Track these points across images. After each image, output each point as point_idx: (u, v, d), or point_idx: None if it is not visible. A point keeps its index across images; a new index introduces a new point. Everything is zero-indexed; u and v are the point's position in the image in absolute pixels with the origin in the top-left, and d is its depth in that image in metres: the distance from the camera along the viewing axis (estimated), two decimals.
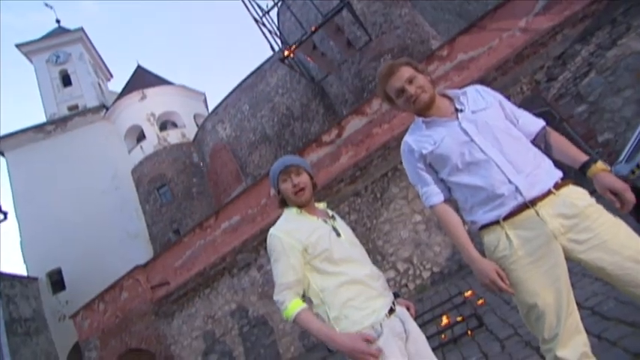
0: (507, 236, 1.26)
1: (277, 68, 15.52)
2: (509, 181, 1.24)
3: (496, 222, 1.27)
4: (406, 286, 6.83)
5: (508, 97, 6.34)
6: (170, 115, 18.22)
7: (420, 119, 1.43)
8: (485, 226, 1.31)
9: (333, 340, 1.29)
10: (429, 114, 1.41)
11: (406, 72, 1.38)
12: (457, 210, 1.44)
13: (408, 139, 1.47)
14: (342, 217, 7.58)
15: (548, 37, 6.43)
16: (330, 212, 1.59)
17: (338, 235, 1.46)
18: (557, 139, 1.38)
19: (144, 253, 15.02)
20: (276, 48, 4.45)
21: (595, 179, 1.25)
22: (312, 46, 4.75)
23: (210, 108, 18.19)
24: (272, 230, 1.46)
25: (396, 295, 1.52)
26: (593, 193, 1.28)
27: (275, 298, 1.39)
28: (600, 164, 1.25)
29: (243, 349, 7.79)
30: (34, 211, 15.50)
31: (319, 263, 1.40)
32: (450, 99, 1.43)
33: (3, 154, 16.74)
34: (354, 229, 6.94)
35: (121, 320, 8.95)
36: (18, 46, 18.45)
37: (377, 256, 7.13)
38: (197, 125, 18.18)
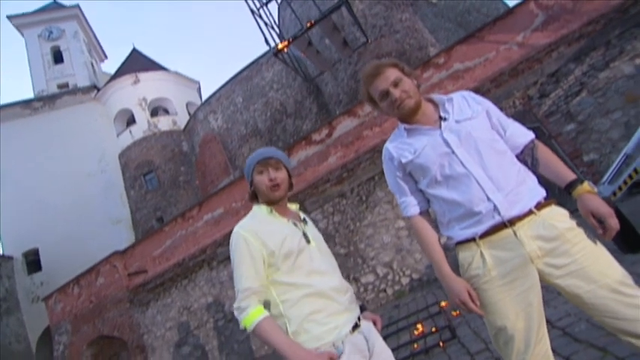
0: (482, 255, 1.21)
1: (274, 63, 15.38)
2: (488, 199, 1.18)
3: (472, 239, 1.22)
4: (384, 290, 6.82)
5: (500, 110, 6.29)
6: (162, 102, 17.93)
7: (403, 126, 1.36)
8: (461, 243, 1.26)
9: (295, 355, 1.17)
10: (413, 120, 1.34)
11: (392, 74, 1.31)
12: (434, 222, 1.39)
13: (389, 145, 1.40)
14: (326, 217, 7.46)
15: (544, 53, 6.47)
16: (302, 215, 1.49)
17: (308, 241, 1.36)
18: (545, 154, 1.31)
19: (125, 239, 14.76)
20: (272, 42, 4.38)
21: (580, 200, 1.19)
22: (307, 42, 4.67)
23: (204, 97, 17.95)
24: (237, 228, 1.33)
25: (362, 308, 1.45)
26: (574, 212, 1.24)
27: (237, 304, 1.24)
28: (587, 185, 1.19)
29: (217, 343, 7.69)
30: (15, 188, 15.10)
31: (283, 271, 1.29)
32: (436, 105, 1.37)
33: None
34: (336, 231, 6.88)
35: (95, 306, 8.75)
36: (9, 17, 17.91)
37: (357, 259, 7.10)
38: (189, 114, 17.94)
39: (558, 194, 1.32)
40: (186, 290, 8.19)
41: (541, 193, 1.22)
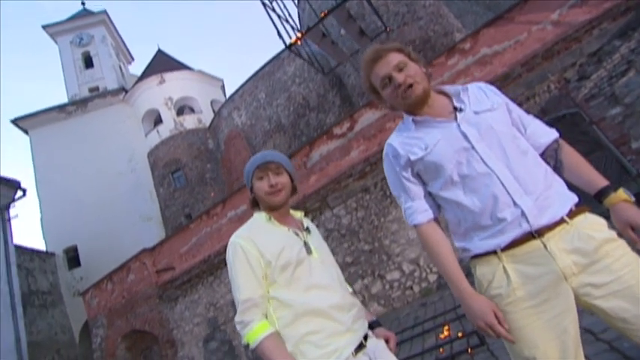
0: (505, 271, 1.01)
1: (295, 57, 15.28)
2: (515, 204, 1.00)
3: (493, 252, 1.03)
4: (411, 288, 6.58)
5: (532, 97, 5.80)
6: (187, 101, 18.29)
7: (410, 117, 1.17)
8: (479, 256, 1.07)
9: None
10: (422, 112, 1.15)
11: (395, 57, 1.14)
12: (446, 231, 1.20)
13: (393, 141, 1.21)
14: (349, 213, 7.30)
15: (584, 31, 5.92)
16: (306, 223, 1.37)
17: (309, 252, 1.24)
18: (571, 155, 1.12)
19: (156, 235, 15.26)
20: (286, 35, 4.24)
21: (614, 210, 1.00)
22: (321, 34, 4.47)
23: (228, 95, 18.14)
24: (234, 237, 1.24)
25: (375, 324, 1.32)
26: (609, 219, 1.04)
27: (239, 318, 1.14)
28: (622, 193, 1.00)
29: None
30: (54, 188, 15.96)
31: (279, 284, 1.18)
32: (448, 97, 1.18)
33: (27, 133, 17.23)
34: (360, 226, 6.67)
35: (127, 301, 9.08)
36: (44, 27, 18.81)
37: (382, 256, 6.89)
38: (213, 111, 18.20)
39: (589, 204, 1.11)
40: (212, 287, 8.31)
41: (572, 198, 1.03)
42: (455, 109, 1.13)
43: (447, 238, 1.16)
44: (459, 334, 3.37)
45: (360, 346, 1.16)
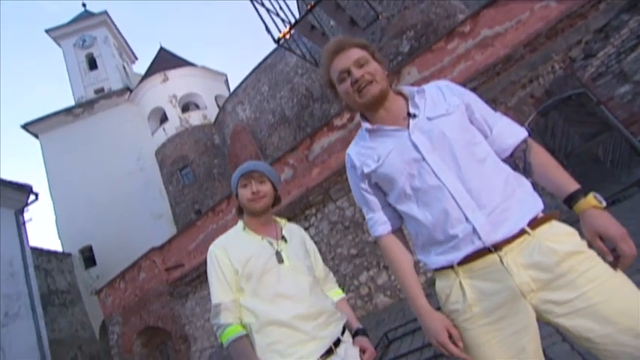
0: (461, 286, 0.96)
1: (297, 47, 15.09)
2: (466, 219, 0.93)
3: (450, 266, 0.98)
4: None
5: (536, 78, 5.58)
6: (192, 97, 18.33)
7: (364, 126, 1.11)
8: (438, 269, 1.02)
9: None
10: (377, 115, 1.09)
11: (357, 53, 1.07)
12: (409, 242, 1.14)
13: (351, 150, 1.16)
14: (352, 205, 7.24)
15: (590, 6, 5.64)
16: (286, 231, 1.40)
17: (280, 261, 1.29)
18: (540, 157, 1.03)
19: (167, 232, 15.50)
20: (276, 30, 4.14)
21: (582, 218, 0.92)
22: (310, 26, 4.36)
23: (232, 89, 18.10)
24: (211, 246, 1.36)
25: (360, 332, 1.35)
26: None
27: (213, 321, 1.25)
28: (592, 198, 0.91)
29: None
30: (66, 190, 16.32)
31: (247, 293, 1.25)
32: (406, 99, 1.10)
33: (37, 137, 17.58)
34: (364, 218, 6.52)
35: (140, 299, 9.29)
36: (47, 31, 18.97)
37: None
38: (218, 107, 18.21)
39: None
40: None
41: (536, 206, 0.95)
42: (408, 114, 1.05)
43: (407, 250, 1.11)
44: None
45: (329, 352, 1.20)
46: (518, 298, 0.90)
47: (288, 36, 4.20)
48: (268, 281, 1.24)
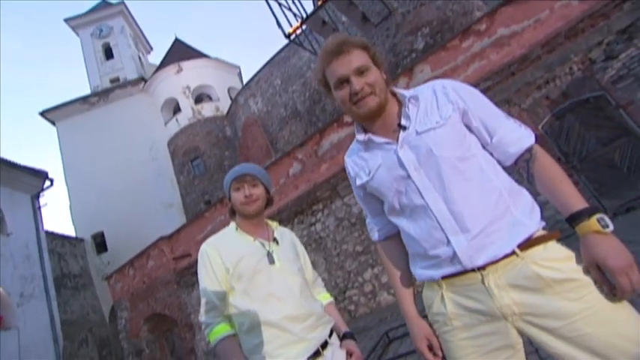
0: (443, 298, 0.94)
1: (312, 41, 14.99)
2: (448, 242, 0.90)
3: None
4: None
5: (552, 79, 5.38)
6: (205, 89, 18.45)
7: (357, 136, 1.07)
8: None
9: None
10: (373, 126, 1.02)
11: (359, 58, 0.98)
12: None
13: (347, 158, 1.13)
14: None
15: (613, 6, 5.45)
16: (277, 233, 1.43)
17: (271, 262, 1.30)
18: (544, 169, 0.93)
19: (177, 221, 15.74)
20: (287, 25, 4.10)
21: (583, 242, 0.84)
22: (321, 21, 4.31)
23: (245, 81, 18.15)
24: (203, 245, 1.37)
25: (348, 336, 1.37)
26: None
27: (201, 319, 1.27)
28: (595, 223, 0.82)
29: None
30: (81, 177, 16.70)
31: (237, 292, 1.26)
32: (400, 104, 1.04)
33: (54, 124, 17.98)
34: None
35: (148, 286, 9.48)
36: (66, 20, 19.28)
37: None
38: (231, 99, 18.30)
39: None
40: None
41: (531, 226, 0.88)
42: (399, 126, 0.99)
43: (401, 256, 1.09)
44: None
45: (317, 354, 1.21)
46: (498, 319, 0.87)
47: (299, 31, 4.16)
48: (259, 281, 1.25)
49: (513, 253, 0.86)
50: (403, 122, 0.98)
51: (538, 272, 0.84)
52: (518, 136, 0.97)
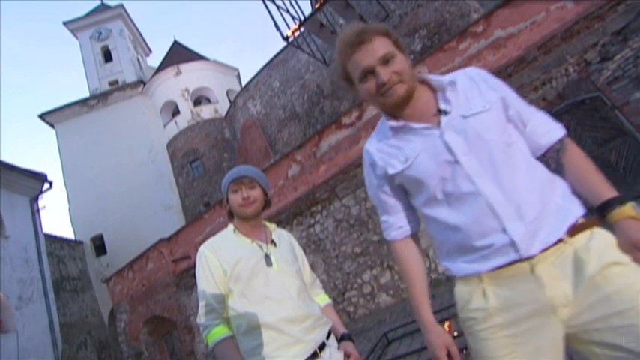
0: (484, 293, 0.89)
1: (310, 43, 15.05)
2: (504, 230, 0.85)
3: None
4: None
5: (549, 81, 5.45)
6: (204, 91, 18.49)
7: (388, 122, 0.99)
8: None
9: None
10: (402, 114, 0.98)
11: (382, 46, 0.93)
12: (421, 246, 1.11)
13: (371, 146, 1.05)
14: (358, 204, 7.26)
15: (608, 8, 5.50)
16: (275, 235, 1.43)
17: (269, 264, 1.31)
18: (575, 159, 0.93)
19: (176, 224, 15.73)
20: (285, 27, 4.15)
21: (617, 228, 0.84)
22: (319, 24, 4.35)
23: (244, 84, 18.19)
24: (201, 247, 1.38)
25: (346, 337, 1.38)
26: None
27: (200, 321, 1.27)
28: (630, 208, 0.83)
29: None
30: (80, 180, 16.69)
31: (235, 294, 1.27)
32: (434, 90, 0.99)
33: (53, 127, 17.98)
34: (369, 217, 6.63)
35: (147, 289, 9.48)
36: (65, 23, 19.31)
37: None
38: (230, 101, 18.33)
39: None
40: None
41: (575, 212, 0.87)
42: (439, 111, 0.94)
43: (420, 257, 1.06)
44: (455, 333, 3.32)
45: (314, 355, 1.22)
46: (546, 311, 0.83)
47: (297, 33, 4.20)
48: (256, 283, 1.26)
49: (561, 240, 0.84)
50: (444, 106, 0.94)
51: (590, 257, 0.82)
52: (549, 129, 0.96)
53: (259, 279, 1.27)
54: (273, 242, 1.39)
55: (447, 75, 0.99)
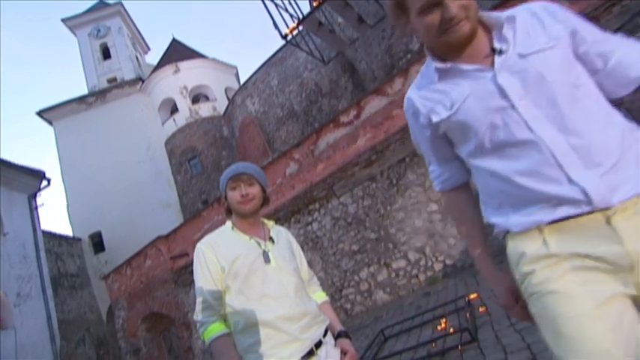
0: (546, 244, 0.78)
1: (308, 42, 15.04)
2: (569, 180, 0.74)
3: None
4: (416, 276, 6.58)
5: None
6: (202, 89, 18.48)
7: (434, 63, 0.89)
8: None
9: None
10: (460, 55, 0.86)
11: None
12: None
13: (412, 94, 0.96)
14: (355, 202, 7.29)
15: (603, 9, 5.56)
16: (274, 233, 1.42)
17: (267, 261, 1.31)
18: None
19: (175, 221, 15.74)
20: (284, 26, 4.17)
21: None
22: (317, 22, 4.38)
23: (242, 82, 18.19)
24: (199, 243, 1.37)
25: (342, 335, 1.37)
26: None
27: (197, 317, 1.27)
28: None
29: None
30: (78, 177, 16.69)
31: (233, 291, 1.27)
32: (489, 30, 0.87)
33: (51, 124, 17.94)
34: (367, 215, 6.65)
35: (145, 286, 9.51)
36: (64, 20, 19.24)
37: (388, 244, 6.89)
38: (228, 99, 18.33)
39: None
40: None
41: None
42: (493, 50, 0.83)
43: (476, 204, 0.95)
44: (451, 330, 3.37)
45: (311, 353, 1.22)
46: (622, 268, 0.72)
47: (295, 32, 4.23)
48: (254, 281, 1.26)
49: None
50: (498, 45, 0.82)
51: None
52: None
53: (257, 276, 1.26)
54: (271, 239, 1.38)
55: (505, 11, 0.86)
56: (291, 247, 1.45)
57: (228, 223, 1.40)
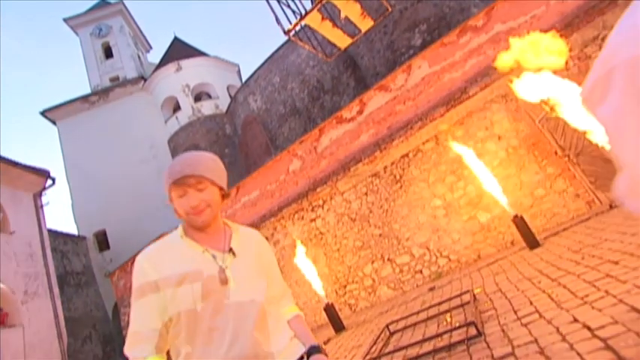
0: None
1: (310, 38, 14.96)
2: None
3: None
4: (421, 272, 6.59)
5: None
6: (204, 87, 18.48)
7: None
8: None
9: None
10: None
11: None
12: None
13: None
14: (359, 198, 7.31)
15: (608, 1, 5.51)
16: (237, 242, 1.12)
17: (224, 282, 1.03)
18: None
19: (178, 219, 15.81)
20: (286, 21, 4.16)
21: None
22: (319, 18, 4.39)
23: (244, 79, 18.17)
24: (139, 255, 1.09)
25: (313, 351, 1.12)
26: None
27: (127, 351, 1.00)
28: None
29: None
30: (82, 176, 16.79)
31: (175, 324, 1.02)
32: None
33: (55, 123, 18.04)
34: (370, 211, 6.65)
35: None
36: (65, 19, 19.28)
37: (393, 240, 6.90)
38: (230, 97, 18.33)
39: None
40: None
41: None
42: None
43: None
44: (456, 324, 3.38)
45: None
46: None
47: (297, 28, 4.23)
48: (204, 309, 1.00)
49: None
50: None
51: None
52: None
53: (208, 304, 1.00)
54: (231, 251, 1.09)
55: None
56: (261, 257, 1.16)
57: (179, 229, 1.11)
